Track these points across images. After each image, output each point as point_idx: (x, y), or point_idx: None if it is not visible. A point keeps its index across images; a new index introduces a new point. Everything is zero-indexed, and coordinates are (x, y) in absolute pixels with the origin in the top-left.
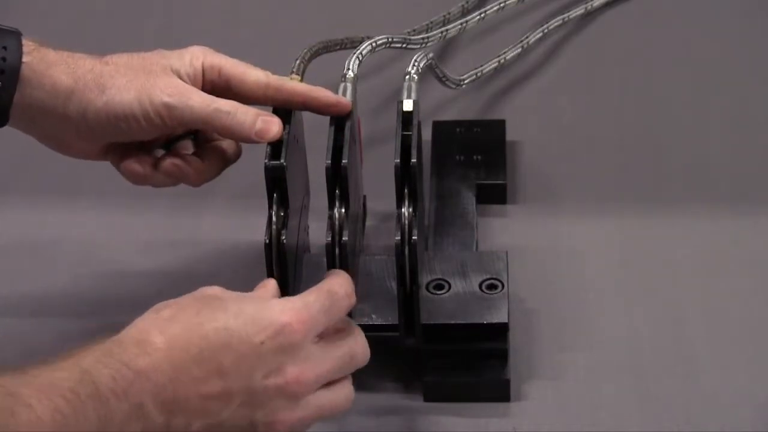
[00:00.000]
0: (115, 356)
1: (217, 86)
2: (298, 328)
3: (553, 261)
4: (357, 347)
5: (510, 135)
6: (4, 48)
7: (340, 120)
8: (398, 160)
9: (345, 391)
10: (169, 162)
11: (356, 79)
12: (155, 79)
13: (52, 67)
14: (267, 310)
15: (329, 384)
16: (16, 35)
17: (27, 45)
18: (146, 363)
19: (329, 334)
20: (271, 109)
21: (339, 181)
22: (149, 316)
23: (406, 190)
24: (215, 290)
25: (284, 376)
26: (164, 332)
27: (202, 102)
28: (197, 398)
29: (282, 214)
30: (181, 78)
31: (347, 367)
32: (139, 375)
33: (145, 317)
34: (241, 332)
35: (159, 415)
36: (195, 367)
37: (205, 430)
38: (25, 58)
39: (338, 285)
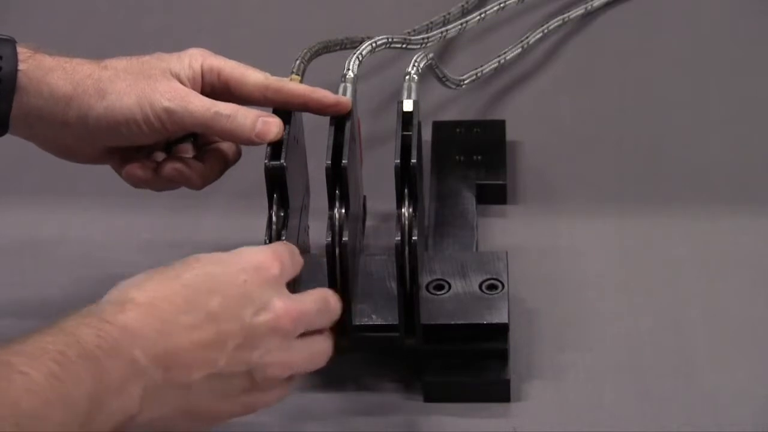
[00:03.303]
0: (95, 315)
1: (216, 89)
2: (274, 264)
3: (553, 261)
4: (328, 294)
5: (510, 135)
6: (0, 57)
7: (340, 120)
8: (398, 160)
9: (326, 342)
10: (170, 167)
11: (356, 79)
12: (155, 84)
13: (49, 73)
14: (241, 253)
15: (311, 333)
16: (11, 43)
17: (22, 52)
18: (128, 318)
19: None
20: (270, 109)
21: (339, 181)
22: (124, 282)
23: (406, 190)
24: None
25: (274, 310)
26: (142, 288)
27: (201, 106)
28: (192, 347)
29: (282, 214)
30: (180, 81)
31: (325, 311)
32: (123, 330)
33: (120, 284)
34: (222, 275)
35: (156, 370)
36: (183, 316)
37: (206, 383)
38: (21, 66)
39: (291, 246)
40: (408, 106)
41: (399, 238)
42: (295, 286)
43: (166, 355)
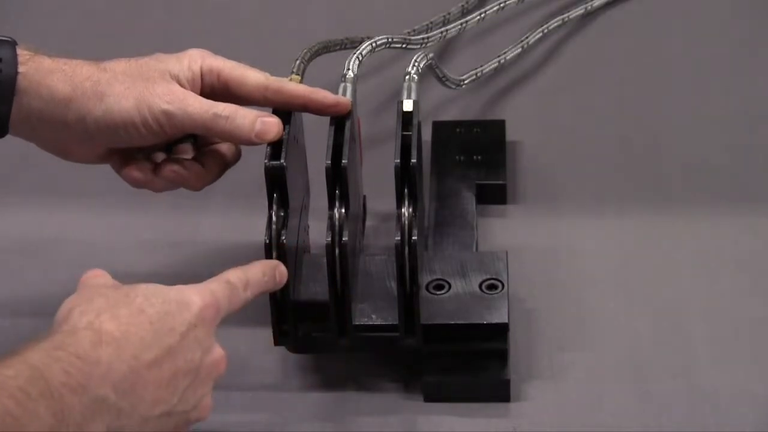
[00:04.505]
0: (68, 348)
1: (216, 89)
2: (212, 312)
3: (553, 261)
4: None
5: (510, 135)
6: (0, 60)
7: (340, 120)
8: (398, 160)
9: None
10: (168, 169)
11: (356, 79)
12: (153, 86)
13: (49, 75)
14: (185, 293)
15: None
16: (11, 45)
17: (22, 55)
18: (103, 354)
19: None
20: (270, 109)
21: (339, 181)
22: (80, 298)
23: (406, 190)
24: (106, 278)
25: (213, 354)
26: (116, 319)
27: (200, 108)
28: (154, 384)
29: (282, 214)
30: (180, 83)
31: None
32: (96, 366)
33: (78, 297)
34: (179, 317)
35: (124, 405)
36: (148, 353)
37: (162, 419)
38: (20, 68)
39: (236, 278)
40: (408, 106)
41: (399, 238)
42: (295, 283)
43: (134, 392)
